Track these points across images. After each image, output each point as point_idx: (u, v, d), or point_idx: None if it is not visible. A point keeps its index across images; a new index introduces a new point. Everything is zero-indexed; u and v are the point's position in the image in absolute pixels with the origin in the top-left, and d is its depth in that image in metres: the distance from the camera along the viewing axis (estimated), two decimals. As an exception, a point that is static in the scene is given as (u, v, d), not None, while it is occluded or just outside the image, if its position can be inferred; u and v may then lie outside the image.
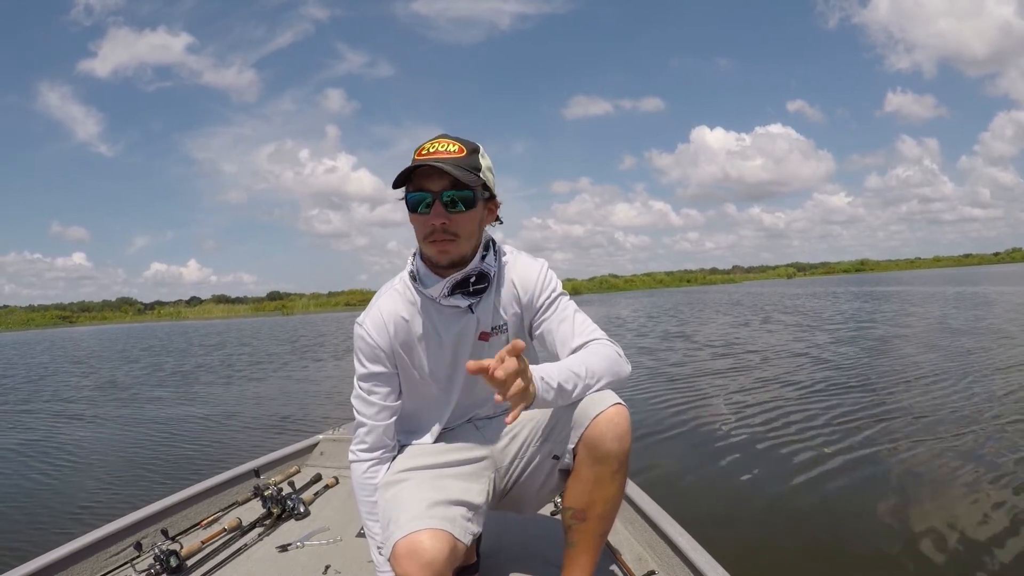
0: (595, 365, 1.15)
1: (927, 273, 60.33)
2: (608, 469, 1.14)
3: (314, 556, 1.68)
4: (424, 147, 1.15)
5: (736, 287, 53.57)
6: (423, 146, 1.15)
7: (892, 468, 3.16)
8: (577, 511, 1.19)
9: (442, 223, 1.13)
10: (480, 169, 1.16)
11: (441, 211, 1.13)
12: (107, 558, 1.65)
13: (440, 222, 1.13)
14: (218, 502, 2.05)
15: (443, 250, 1.15)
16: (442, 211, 1.13)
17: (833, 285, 37.98)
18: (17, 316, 58.77)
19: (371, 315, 1.24)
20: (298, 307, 56.70)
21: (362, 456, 1.28)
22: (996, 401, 4.41)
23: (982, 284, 24.56)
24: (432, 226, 1.13)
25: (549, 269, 1.29)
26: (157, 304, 69.70)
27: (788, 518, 2.68)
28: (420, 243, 1.19)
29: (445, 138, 1.16)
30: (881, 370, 6.05)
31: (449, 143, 1.15)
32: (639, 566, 1.53)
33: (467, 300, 1.22)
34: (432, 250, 1.16)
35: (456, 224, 1.14)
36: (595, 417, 1.13)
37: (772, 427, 4.10)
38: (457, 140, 1.16)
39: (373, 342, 1.23)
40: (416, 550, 1.04)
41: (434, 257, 1.18)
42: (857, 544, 2.38)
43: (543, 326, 1.26)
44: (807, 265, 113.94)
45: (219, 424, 5.57)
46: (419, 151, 1.15)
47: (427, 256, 1.20)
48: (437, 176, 1.12)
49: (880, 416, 4.19)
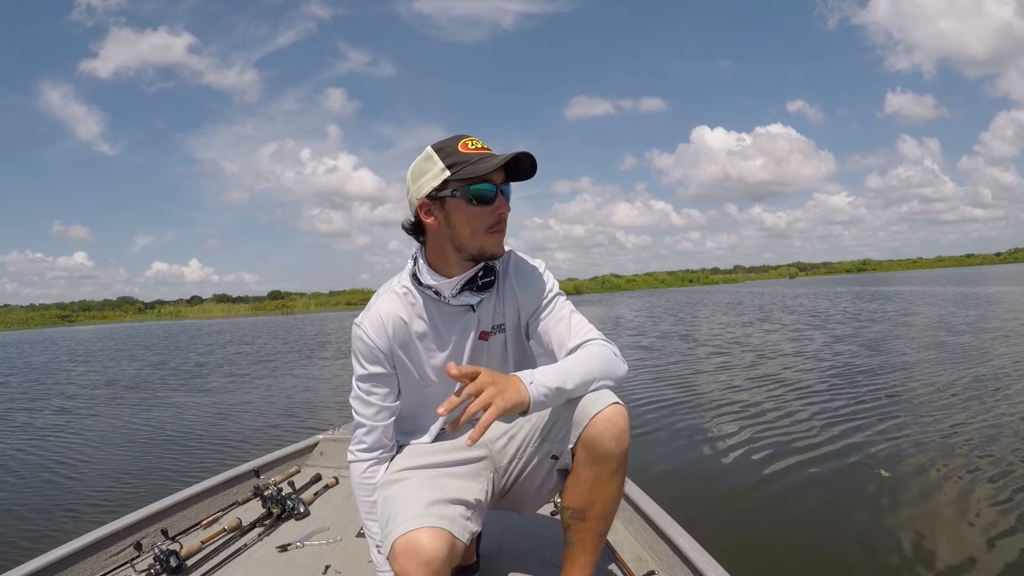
0: (592, 365, 1.15)
1: (930, 273, 60.23)
2: (607, 469, 1.14)
3: (314, 556, 1.68)
4: (465, 142, 1.16)
5: (739, 287, 53.54)
6: (464, 141, 1.16)
7: (894, 469, 3.15)
8: (576, 511, 1.19)
9: (508, 212, 1.18)
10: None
11: (504, 202, 1.17)
12: (107, 558, 1.65)
13: (507, 211, 1.18)
14: (218, 502, 2.05)
15: (501, 240, 1.20)
16: (504, 202, 1.17)
17: (836, 285, 37.94)
18: (16, 315, 58.85)
19: (369, 316, 1.24)
20: (298, 306, 56.76)
21: (361, 456, 1.28)
22: (1006, 404, 4.39)
23: (986, 284, 24.50)
24: (499, 216, 1.17)
25: (546, 269, 1.30)
26: (158, 303, 69.90)
27: (788, 518, 2.68)
28: (474, 237, 1.17)
29: (472, 138, 1.18)
30: (884, 371, 6.04)
31: (479, 141, 1.17)
32: (639, 566, 1.53)
33: (476, 296, 1.23)
34: (493, 240, 1.19)
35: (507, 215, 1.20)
36: (593, 416, 1.12)
37: (773, 427, 4.10)
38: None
39: (372, 343, 1.22)
40: (415, 548, 1.04)
41: (493, 248, 1.20)
42: (858, 544, 2.37)
43: (540, 326, 1.26)
44: (809, 265, 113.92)
45: (219, 424, 5.58)
46: (462, 145, 1.15)
47: (478, 248, 1.19)
48: (499, 169, 1.15)
49: (883, 417, 4.18)
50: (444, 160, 1.15)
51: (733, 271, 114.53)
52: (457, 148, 1.15)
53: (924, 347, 7.47)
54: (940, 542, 2.32)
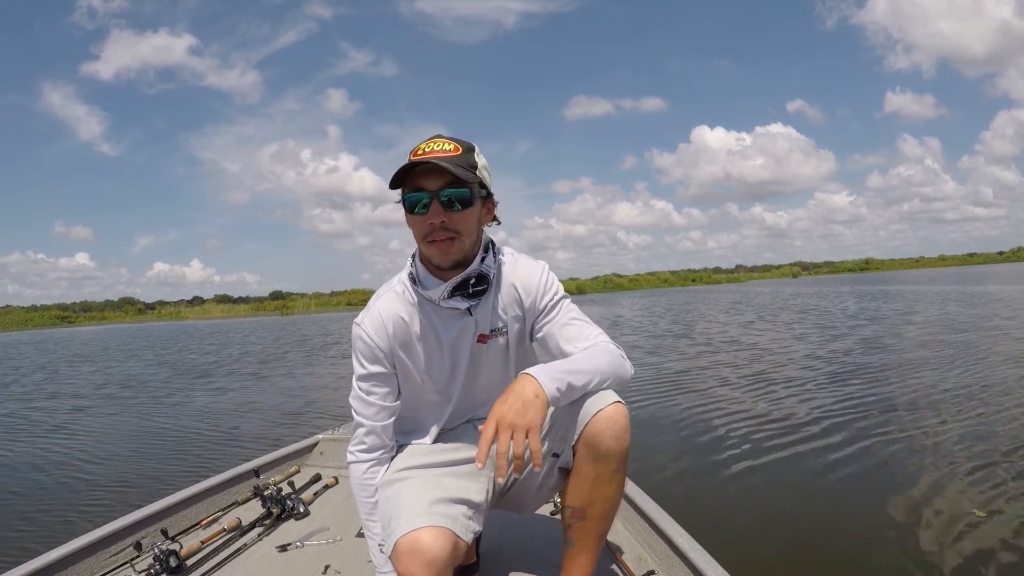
0: (600, 364, 1.14)
1: (933, 272, 60.11)
2: (607, 467, 1.14)
3: (314, 556, 1.68)
4: (419, 147, 1.14)
5: (742, 286, 53.48)
6: (418, 147, 1.14)
7: (896, 469, 3.15)
8: (576, 510, 1.18)
9: (440, 221, 1.11)
10: (476, 167, 1.15)
11: (439, 210, 1.11)
12: (107, 558, 1.65)
13: (439, 220, 1.11)
14: (218, 502, 2.05)
15: (444, 250, 1.14)
16: (440, 210, 1.11)
17: (840, 284, 37.88)
18: (15, 316, 58.81)
19: (370, 315, 1.23)
20: (299, 307, 56.76)
21: (361, 457, 1.27)
22: (1014, 404, 4.38)
23: (991, 283, 24.43)
24: (431, 226, 1.12)
25: (550, 272, 1.29)
26: (159, 304, 69.97)
27: (789, 518, 2.67)
28: (420, 244, 1.18)
29: (440, 138, 1.15)
30: (887, 371, 6.02)
31: (444, 142, 1.14)
32: (639, 566, 1.53)
33: (466, 302, 1.21)
34: (433, 251, 1.15)
35: (455, 222, 1.12)
36: (594, 415, 1.12)
37: (774, 427, 4.09)
38: (452, 139, 1.15)
39: (372, 342, 1.22)
40: (418, 547, 1.04)
41: (436, 258, 1.16)
42: (858, 545, 2.37)
43: (545, 329, 1.26)
44: (811, 264, 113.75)
45: (219, 424, 5.58)
46: (415, 151, 1.14)
47: (428, 258, 1.19)
48: (435, 175, 1.11)
49: (885, 418, 4.18)
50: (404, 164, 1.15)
51: (735, 270, 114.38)
52: (410, 154, 1.14)
53: (929, 346, 7.45)
54: (940, 542, 2.31)
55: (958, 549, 2.25)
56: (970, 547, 2.26)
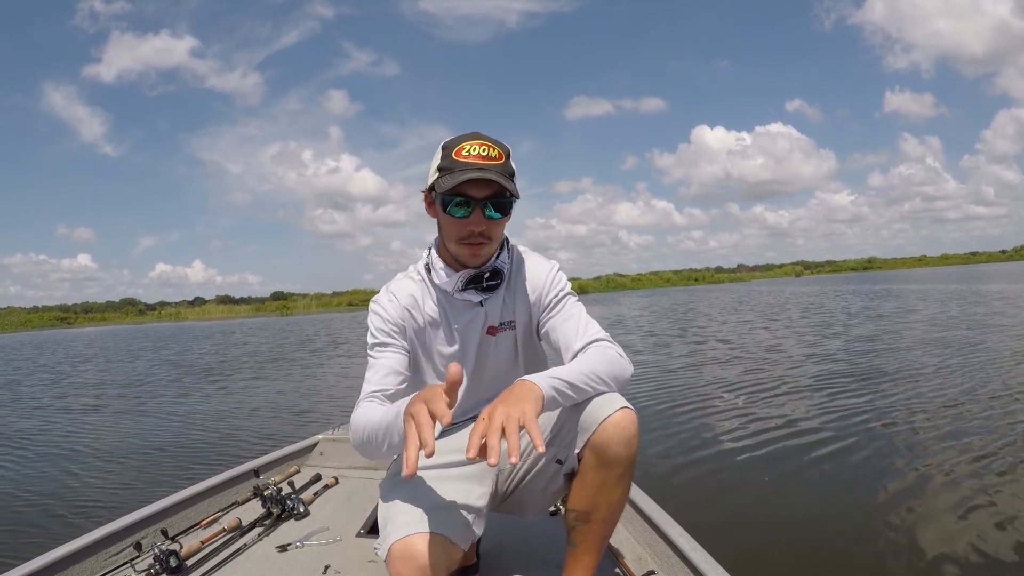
0: (599, 367, 1.14)
1: (936, 271, 59.99)
2: (614, 473, 1.12)
3: (314, 556, 1.67)
4: (464, 147, 1.13)
5: (745, 286, 53.41)
6: (462, 145, 1.14)
7: (896, 469, 3.14)
8: (581, 513, 1.18)
9: (481, 230, 1.16)
10: (515, 175, 1.18)
11: (481, 218, 1.15)
12: (107, 558, 1.65)
13: (480, 228, 1.16)
14: (218, 502, 2.05)
15: (476, 252, 1.19)
16: (481, 218, 1.15)
17: (843, 283, 37.80)
18: (15, 317, 58.91)
19: (386, 295, 1.28)
20: (299, 307, 56.81)
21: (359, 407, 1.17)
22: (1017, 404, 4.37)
23: (993, 282, 24.36)
24: (471, 231, 1.16)
25: (560, 271, 1.31)
26: (160, 305, 70.10)
27: (789, 518, 2.66)
28: (450, 242, 1.20)
29: (482, 140, 1.15)
30: (892, 371, 6.00)
31: (490, 147, 1.14)
32: (639, 566, 1.52)
33: (480, 295, 1.25)
34: (465, 252, 1.19)
35: (491, 229, 1.17)
36: (602, 421, 1.10)
37: (774, 427, 4.08)
38: (495, 143, 1.15)
39: (387, 316, 1.25)
40: (411, 554, 1.03)
41: (466, 258, 1.21)
42: (858, 544, 2.36)
43: (548, 324, 1.27)
44: (813, 263, 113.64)
45: (218, 424, 5.58)
46: (458, 150, 1.13)
47: (456, 255, 1.22)
48: (484, 183, 1.13)
49: (887, 418, 4.16)
50: (441, 161, 1.16)
51: (736, 270, 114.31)
52: (453, 153, 1.14)
53: (932, 345, 7.43)
54: (941, 542, 2.30)
55: (958, 549, 2.24)
56: (970, 547, 2.25)
